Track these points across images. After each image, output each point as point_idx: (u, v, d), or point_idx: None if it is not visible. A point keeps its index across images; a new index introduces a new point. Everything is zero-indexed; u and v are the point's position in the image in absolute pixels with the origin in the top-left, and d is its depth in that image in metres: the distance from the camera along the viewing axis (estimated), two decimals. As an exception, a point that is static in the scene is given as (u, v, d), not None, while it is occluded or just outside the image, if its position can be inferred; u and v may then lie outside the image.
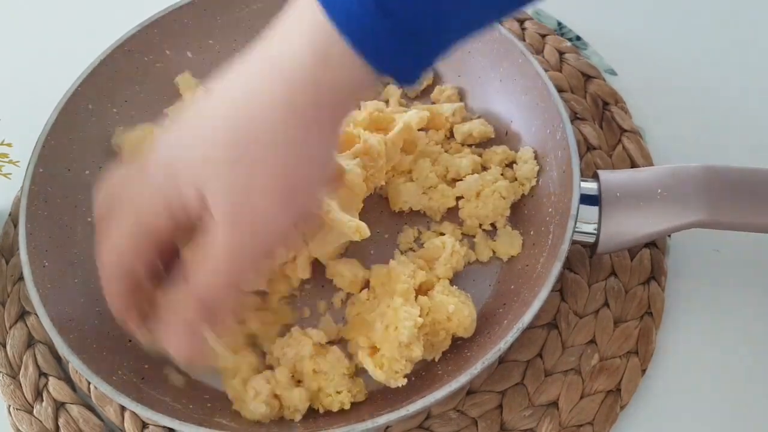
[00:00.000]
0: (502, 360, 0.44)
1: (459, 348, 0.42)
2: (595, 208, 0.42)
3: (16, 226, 0.51)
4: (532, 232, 0.45)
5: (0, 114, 0.52)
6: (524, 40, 0.56)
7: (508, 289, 0.43)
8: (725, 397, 0.43)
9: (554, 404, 0.43)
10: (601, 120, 0.52)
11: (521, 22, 0.57)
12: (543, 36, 0.56)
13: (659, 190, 0.41)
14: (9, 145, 0.47)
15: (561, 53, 0.55)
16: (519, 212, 0.47)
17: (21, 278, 0.48)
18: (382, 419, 0.37)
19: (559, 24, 0.57)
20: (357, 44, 0.30)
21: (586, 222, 0.42)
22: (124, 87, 0.51)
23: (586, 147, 0.51)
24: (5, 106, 0.56)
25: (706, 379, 0.43)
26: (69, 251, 0.46)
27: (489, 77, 0.50)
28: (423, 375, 0.42)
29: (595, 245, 0.43)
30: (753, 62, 0.55)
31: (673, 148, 0.51)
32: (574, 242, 0.41)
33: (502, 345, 0.38)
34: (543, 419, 0.42)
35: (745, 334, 0.44)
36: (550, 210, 0.44)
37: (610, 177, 0.43)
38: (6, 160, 0.47)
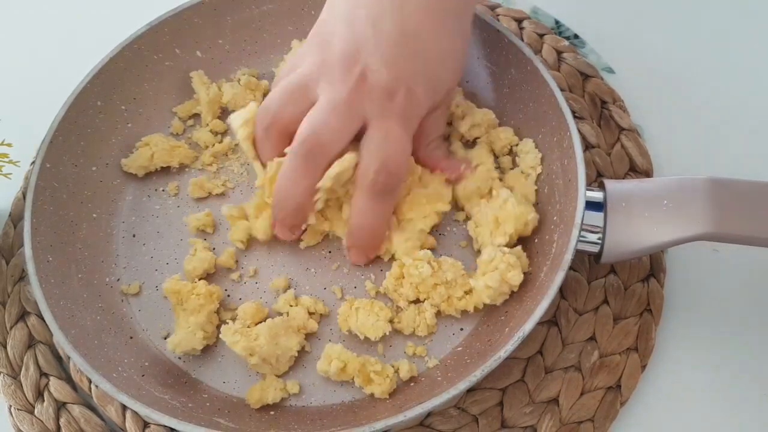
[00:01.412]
0: (502, 357, 0.44)
1: (459, 354, 0.42)
2: (600, 218, 0.42)
3: (16, 226, 0.51)
4: (536, 240, 0.44)
5: (0, 114, 0.53)
6: (522, 39, 0.56)
7: (510, 295, 0.43)
8: (724, 393, 0.43)
9: (555, 401, 0.43)
10: (599, 119, 0.52)
11: (519, 21, 0.57)
12: (541, 35, 0.56)
13: (665, 201, 0.41)
14: (9, 145, 0.47)
15: (559, 52, 0.55)
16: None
17: (21, 278, 0.48)
18: (380, 424, 0.37)
19: (557, 23, 0.58)
20: None
21: (590, 231, 0.42)
22: (134, 85, 0.51)
23: (584, 146, 0.51)
24: (5, 106, 0.56)
25: (705, 375, 0.44)
26: (73, 247, 0.46)
27: (497, 83, 0.50)
28: (422, 381, 0.42)
29: (599, 255, 0.42)
30: (751, 59, 0.55)
31: (671, 146, 0.51)
32: (578, 251, 0.41)
33: (502, 354, 0.38)
34: (544, 416, 0.42)
35: (743, 331, 0.45)
36: (554, 218, 0.44)
37: (616, 186, 0.43)
38: (6, 160, 0.47)
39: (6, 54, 0.61)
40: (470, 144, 0.50)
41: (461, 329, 0.44)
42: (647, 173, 0.50)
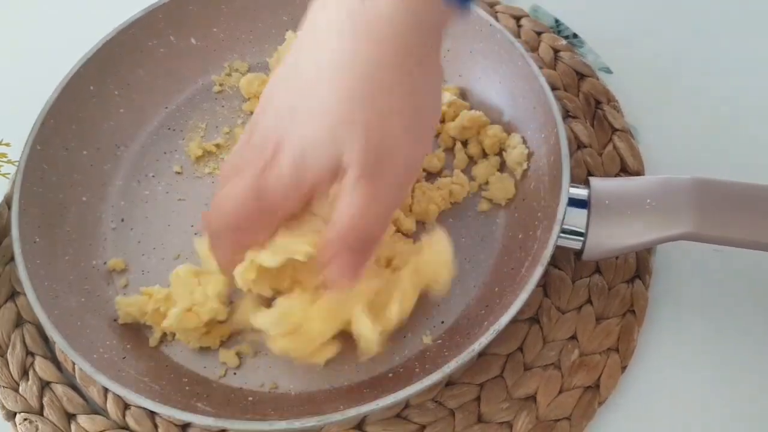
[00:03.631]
0: (481, 353, 0.44)
1: (438, 347, 0.43)
2: (584, 215, 0.42)
3: (10, 209, 0.51)
4: (520, 236, 0.45)
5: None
6: (519, 37, 0.56)
7: (492, 291, 0.43)
8: (703, 397, 0.43)
9: (532, 398, 0.43)
10: (593, 118, 0.52)
11: (518, 19, 0.57)
12: (539, 34, 0.56)
13: (648, 200, 0.41)
14: (7, 144, 0.48)
15: (556, 51, 0.55)
16: (510, 216, 0.47)
17: (12, 259, 0.49)
18: (353, 411, 0.37)
19: (557, 21, 0.57)
20: None
21: (572, 228, 0.42)
22: (127, 70, 0.51)
23: (576, 145, 0.51)
24: (5, 106, 0.56)
25: (685, 378, 0.43)
26: (61, 229, 0.46)
27: (489, 78, 0.50)
28: (400, 372, 0.42)
29: (580, 252, 0.42)
30: (748, 62, 0.54)
31: (665, 147, 0.51)
32: (559, 248, 0.41)
33: (476, 347, 0.38)
34: (520, 412, 0.42)
35: (726, 335, 0.44)
36: (539, 214, 0.44)
37: (600, 184, 0.43)
38: (5, 159, 0.48)
39: (6, 54, 0.60)
40: (464, 144, 0.50)
41: (442, 322, 0.44)
42: (638, 174, 0.50)
